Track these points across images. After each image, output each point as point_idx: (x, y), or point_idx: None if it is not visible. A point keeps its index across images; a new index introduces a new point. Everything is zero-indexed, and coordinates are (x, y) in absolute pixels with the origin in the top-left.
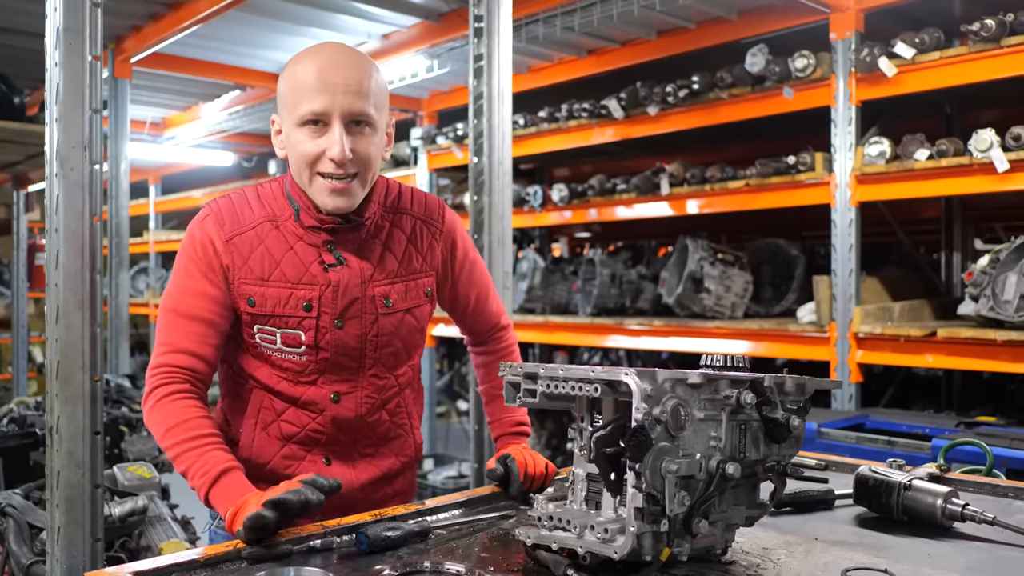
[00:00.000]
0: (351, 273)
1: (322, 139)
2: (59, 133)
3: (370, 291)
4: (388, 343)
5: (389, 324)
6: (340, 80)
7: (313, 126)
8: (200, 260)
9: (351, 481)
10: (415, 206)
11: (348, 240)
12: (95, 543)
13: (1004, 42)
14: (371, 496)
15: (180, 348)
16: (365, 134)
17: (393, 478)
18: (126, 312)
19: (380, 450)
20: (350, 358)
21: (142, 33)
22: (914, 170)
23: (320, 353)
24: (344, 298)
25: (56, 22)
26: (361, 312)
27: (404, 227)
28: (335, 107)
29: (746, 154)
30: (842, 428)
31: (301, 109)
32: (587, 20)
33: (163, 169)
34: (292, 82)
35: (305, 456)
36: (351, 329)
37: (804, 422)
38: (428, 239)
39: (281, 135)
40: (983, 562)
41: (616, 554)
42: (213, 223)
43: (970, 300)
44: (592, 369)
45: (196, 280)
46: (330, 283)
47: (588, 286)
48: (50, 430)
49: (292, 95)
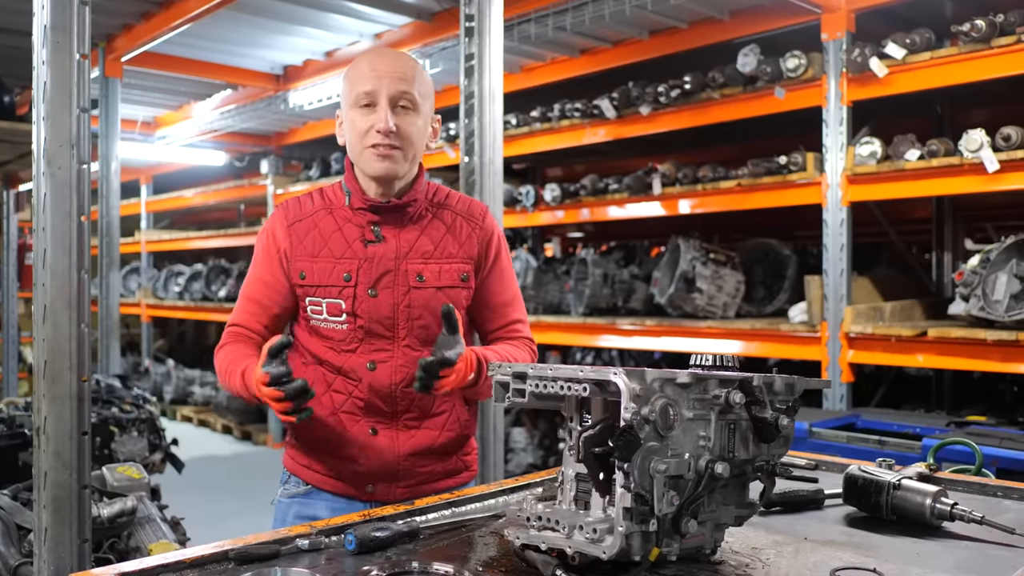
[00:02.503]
0: (387, 248)
1: (372, 116)
2: (46, 132)
3: (404, 266)
4: (420, 316)
5: (420, 298)
6: (387, 67)
7: (365, 108)
8: (262, 249)
9: (396, 450)
10: (459, 205)
11: (390, 221)
12: (82, 544)
13: (994, 43)
14: (417, 468)
15: (236, 321)
16: (409, 115)
17: (442, 454)
18: (116, 312)
19: (424, 423)
20: (384, 327)
21: (133, 32)
22: (905, 170)
23: (357, 320)
24: (378, 269)
25: (43, 20)
26: (394, 283)
27: (444, 219)
28: (382, 88)
29: (738, 154)
30: (833, 428)
31: (356, 91)
32: (579, 20)
33: (154, 168)
34: (351, 74)
35: (353, 425)
36: (384, 298)
37: (793, 421)
38: (467, 231)
39: (343, 125)
40: (971, 561)
41: (605, 554)
42: (280, 213)
43: (960, 300)
44: (581, 369)
45: (257, 267)
46: (367, 257)
47: (580, 286)
48: (37, 430)
49: (349, 83)
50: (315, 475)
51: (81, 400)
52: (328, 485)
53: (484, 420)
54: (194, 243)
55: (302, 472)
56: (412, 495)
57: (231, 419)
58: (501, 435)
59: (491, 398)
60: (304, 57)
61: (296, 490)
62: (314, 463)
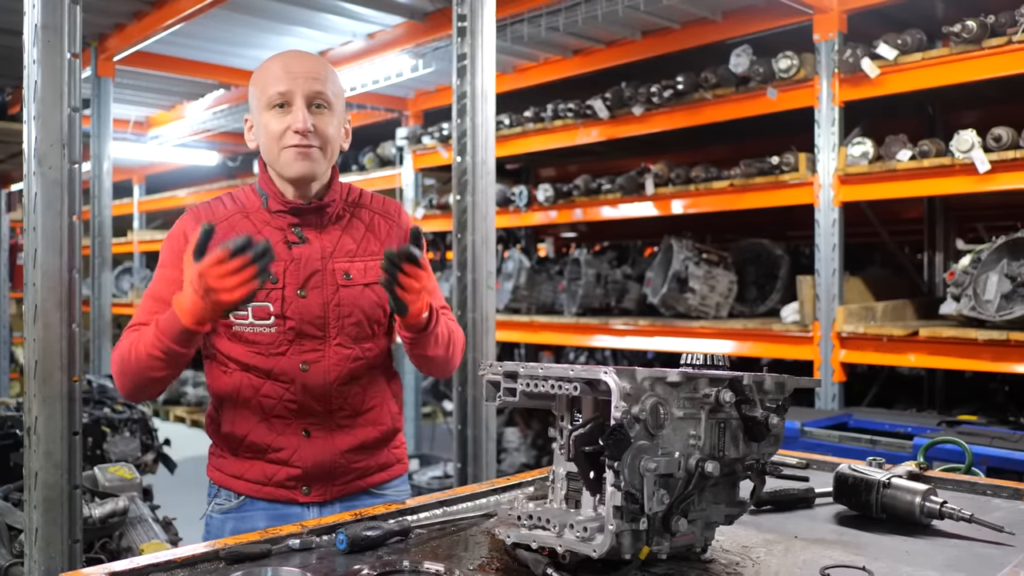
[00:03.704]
0: (312, 249)
1: (287, 117)
2: (37, 131)
3: (331, 265)
4: (350, 313)
5: (350, 296)
6: (301, 69)
7: (279, 109)
8: (172, 252)
9: (331, 449)
10: (374, 203)
11: (311, 223)
12: (73, 544)
13: (985, 44)
14: (352, 464)
15: (141, 321)
16: (325, 115)
17: (374, 449)
18: (109, 312)
19: (357, 421)
20: (315, 327)
21: (125, 31)
22: (897, 171)
23: (287, 322)
24: (305, 270)
25: (34, 19)
26: (322, 283)
27: (363, 218)
28: (297, 88)
29: (730, 154)
30: (825, 427)
31: (268, 93)
32: (572, 20)
33: (147, 168)
34: (260, 76)
35: (285, 428)
36: (314, 298)
37: (783, 420)
38: (386, 228)
39: (253, 129)
40: (960, 559)
41: (595, 552)
42: (190, 218)
43: (952, 300)
44: (572, 368)
45: (167, 268)
46: (293, 258)
47: (573, 286)
48: (28, 431)
49: (260, 85)
50: (248, 484)
51: (72, 400)
52: (262, 493)
53: (476, 419)
54: None
55: (232, 483)
56: (348, 492)
57: None
58: (493, 434)
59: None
60: None
61: (229, 504)
62: (246, 471)
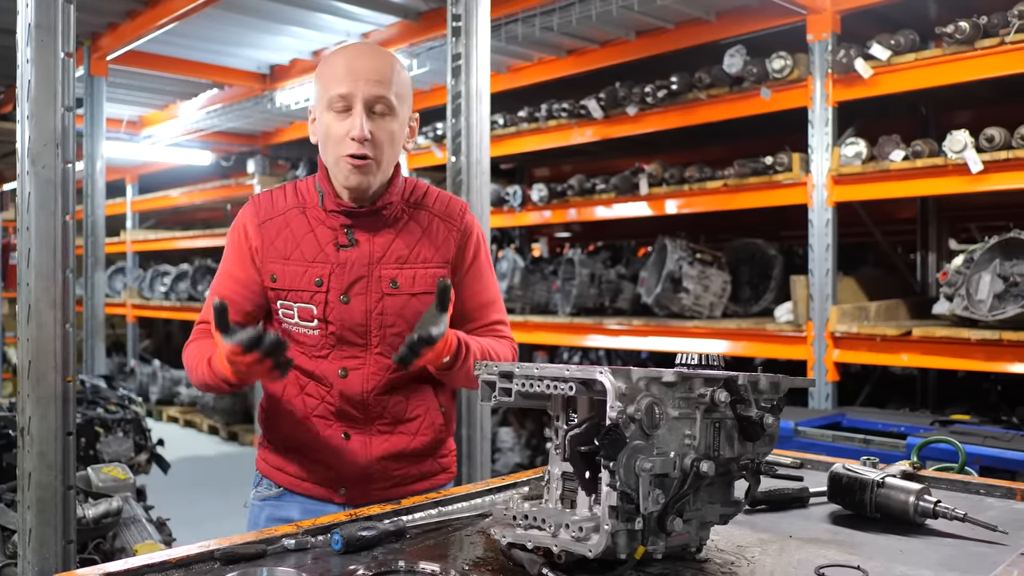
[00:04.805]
0: (360, 254)
1: (346, 121)
2: (31, 131)
3: (377, 272)
4: (393, 323)
5: (394, 305)
6: (363, 68)
7: (339, 110)
8: (233, 245)
9: (368, 455)
10: (437, 204)
11: (364, 225)
12: (67, 545)
13: (978, 44)
14: (391, 471)
15: (206, 319)
16: (385, 120)
17: (415, 457)
18: (102, 312)
19: (397, 429)
20: (356, 334)
21: (119, 30)
22: (890, 171)
23: (329, 327)
24: (350, 275)
25: (27, 18)
26: (366, 290)
27: (421, 221)
28: (359, 92)
29: (724, 154)
30: (819, 427)
31: (330, 93)
32: (566, 20)
33: (140, 168)
34: (324, 71)
35: (326, 429)
36: (356, 305)
37: (778, 420)
38: (444, 233)
39: (315, 123)
40: (954, 558)
41: (591, 552)
42: (251, 209)
43: (945, 300)
44: (567, 368)
45: (229, 263)
46: (340, 262)
47: (568, 286)
48: (22, 431)
49: (323, 82)
50: (288, 478)
51: (66, 400)
52: (301, 488)
53: (470, 419)
54: (180, 243)
55: (274, 475)
56: (386, 497)
57: (217, 420)
58: (488, 434)
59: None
60: (291, 56)
61: (268, 493)
62: (287, 465)
